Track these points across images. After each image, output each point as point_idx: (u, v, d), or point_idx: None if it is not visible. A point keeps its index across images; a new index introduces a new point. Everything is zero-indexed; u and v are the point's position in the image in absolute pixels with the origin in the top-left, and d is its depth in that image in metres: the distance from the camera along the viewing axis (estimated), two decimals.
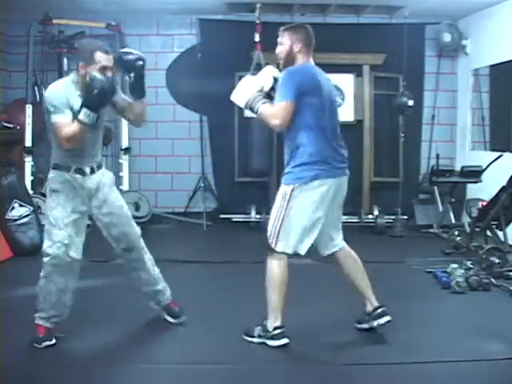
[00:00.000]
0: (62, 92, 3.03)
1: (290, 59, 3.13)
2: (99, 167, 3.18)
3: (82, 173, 3.08)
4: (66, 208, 3.07)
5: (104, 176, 3.21)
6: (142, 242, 3.37)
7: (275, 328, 3.06)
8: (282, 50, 3.17)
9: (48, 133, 3.19)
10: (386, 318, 3.21)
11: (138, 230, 3.37)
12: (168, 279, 4.29)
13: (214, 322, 3.48)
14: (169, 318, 3.45)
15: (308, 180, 2.99)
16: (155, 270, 3.46)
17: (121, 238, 3.28)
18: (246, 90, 3.08)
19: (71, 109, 2.98)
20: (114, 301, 3.85)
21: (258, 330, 3.11)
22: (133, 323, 3.45)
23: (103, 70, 3.00)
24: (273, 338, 3.05)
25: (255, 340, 3.11)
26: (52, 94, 3.05)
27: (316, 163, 3.00)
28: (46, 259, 3.10)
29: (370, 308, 3.28)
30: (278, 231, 3.04)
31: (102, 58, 3.03)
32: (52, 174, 3.11)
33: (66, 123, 2.95)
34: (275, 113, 2.97)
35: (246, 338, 3.14)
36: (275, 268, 3.07)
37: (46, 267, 3.10)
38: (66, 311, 3.14)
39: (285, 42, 3.15)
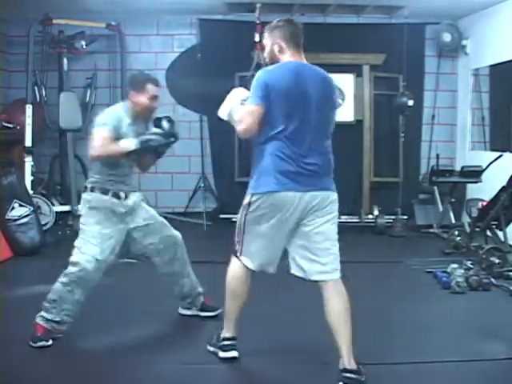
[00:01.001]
0: (115, 115, 3.18)
1: (273, 61, 2.79)
2: (133, 192, 3.31)
3: (118, 197, 3.20)
4: (104, 226, 3.17)
5: (137, 197, 3.33)
6: (183, 246, 3.47)
7: (224, 339, 2.90)
8: (265, 52, 2.88)
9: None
10: None
11: (178, 233, 3.48)
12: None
13: (214, 321, 3.48)
14: (206, 314, 3.50)
15: (260, 191, 2.74)
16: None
17: (163, 246, 3.37)
18: (228, 103, 2.87)
19: (118, 133, 3.11)
20: (114, 301, 3.84)
21: (214, 338, 2.98)
22: (133, 323, 3.45)
23: (152, 99, 3.20)
24: (221, 348, 2.90)
25: (210, 348, 2.97)
26: (105, 114, 3.18)
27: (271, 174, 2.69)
28: (73, 269, 3.13)
29: (341, 366, 2.71)
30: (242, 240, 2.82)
31: (153, 89, 3.21)
32: (90, 196, 3.21)
33: (104, 136, 3.06)
34: (240, 118, 2.67)
35: (207, 345, 3.01)
36: (229, 274, 2.91)
37: (70, 276, 3.13)
38: (70, 320, 3.14)
39: (266, 43, 2.84)
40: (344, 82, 6.51)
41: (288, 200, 2.65)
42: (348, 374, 2.63)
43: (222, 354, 2.89)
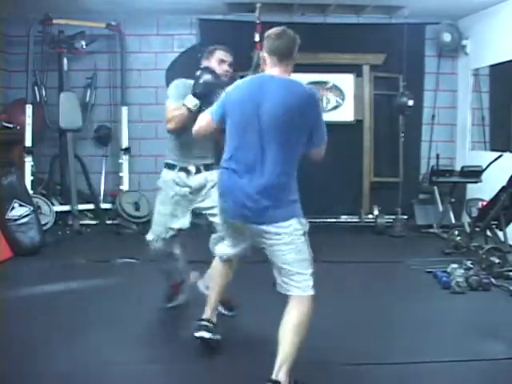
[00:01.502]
0: (183, 83, 3.38)
1: (263, 71, 2.75)
2: (207, 168, 3.38)
3: (187, 171, 3.35)
4: (165, 205, 3.38)
5: (211, 175, 3.33)
6: None
7: (199, 319, 3.00)
8: None
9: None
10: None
11: None
12: None
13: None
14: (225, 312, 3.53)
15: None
16: None
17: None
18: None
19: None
20: (114, 301, 3.84)
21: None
22: (133, 323, 3.45)
23: (221, 62, 3.39)
24: (197, 327, 2.98)
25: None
26: (174, 83, 3.42)
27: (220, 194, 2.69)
28: (150, 247, 3.43)
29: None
30: None
31: (221, 54, 3.42)
32: (162, 172, 3.46)
33: (173, 107, 3.27)
34: (197, 121, 2.85)
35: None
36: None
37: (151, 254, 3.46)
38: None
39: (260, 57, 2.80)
40: (344, 81, 6.52)
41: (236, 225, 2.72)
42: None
43: (195, 333, 2.96)
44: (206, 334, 2.95)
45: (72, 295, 3.94)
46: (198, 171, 3.37)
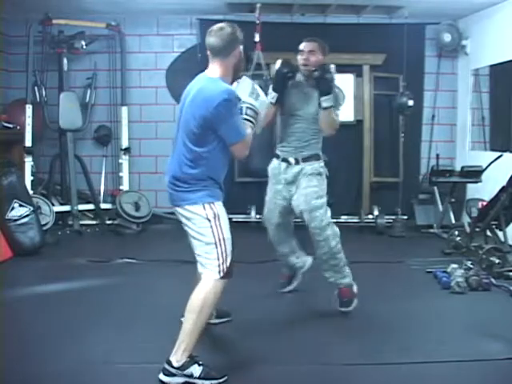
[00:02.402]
0: None
1: None
2: (306, 160, 3.65)
3: (287, 162, 3.65)
4: (270, 192, 3.74)
5: (309, 167, 3.66)
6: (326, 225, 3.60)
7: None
8: None
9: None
10: None
11: (321, 212, 3.61)
12: (168, 279, 4.32)
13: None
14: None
15: None
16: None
17: (304, 217, 3.62)
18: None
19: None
20: (114, 301, 3.84)
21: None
22: (133, 323, 3.45)
23: (299, 52, 3.73)
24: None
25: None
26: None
27: None
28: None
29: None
30: None
31: (300, 45, 3.72)
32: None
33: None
34: None
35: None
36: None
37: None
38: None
39: None
40: (344, 82, 6.50)
41: None
42: (164, 365, 2.70)
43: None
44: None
45: (72, 295, 3.94)
46: (297, 163, 3.69)
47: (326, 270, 3.68)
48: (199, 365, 2.70)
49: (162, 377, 2.69)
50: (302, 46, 3.66)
